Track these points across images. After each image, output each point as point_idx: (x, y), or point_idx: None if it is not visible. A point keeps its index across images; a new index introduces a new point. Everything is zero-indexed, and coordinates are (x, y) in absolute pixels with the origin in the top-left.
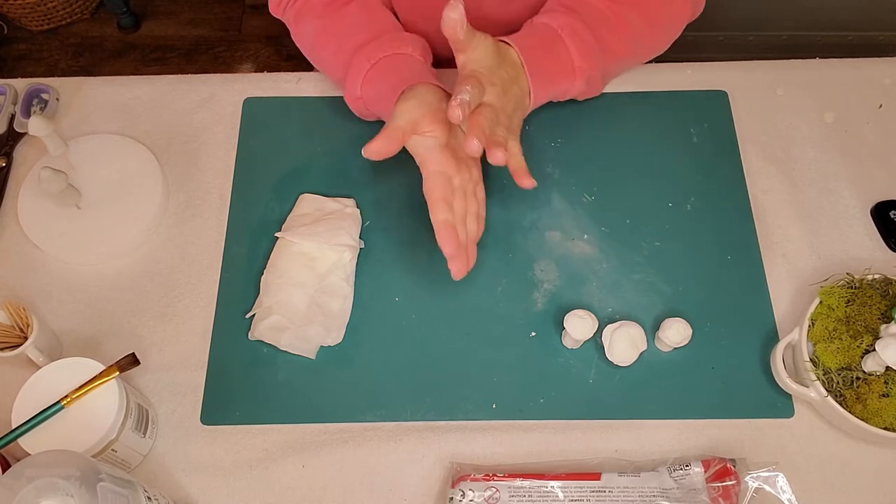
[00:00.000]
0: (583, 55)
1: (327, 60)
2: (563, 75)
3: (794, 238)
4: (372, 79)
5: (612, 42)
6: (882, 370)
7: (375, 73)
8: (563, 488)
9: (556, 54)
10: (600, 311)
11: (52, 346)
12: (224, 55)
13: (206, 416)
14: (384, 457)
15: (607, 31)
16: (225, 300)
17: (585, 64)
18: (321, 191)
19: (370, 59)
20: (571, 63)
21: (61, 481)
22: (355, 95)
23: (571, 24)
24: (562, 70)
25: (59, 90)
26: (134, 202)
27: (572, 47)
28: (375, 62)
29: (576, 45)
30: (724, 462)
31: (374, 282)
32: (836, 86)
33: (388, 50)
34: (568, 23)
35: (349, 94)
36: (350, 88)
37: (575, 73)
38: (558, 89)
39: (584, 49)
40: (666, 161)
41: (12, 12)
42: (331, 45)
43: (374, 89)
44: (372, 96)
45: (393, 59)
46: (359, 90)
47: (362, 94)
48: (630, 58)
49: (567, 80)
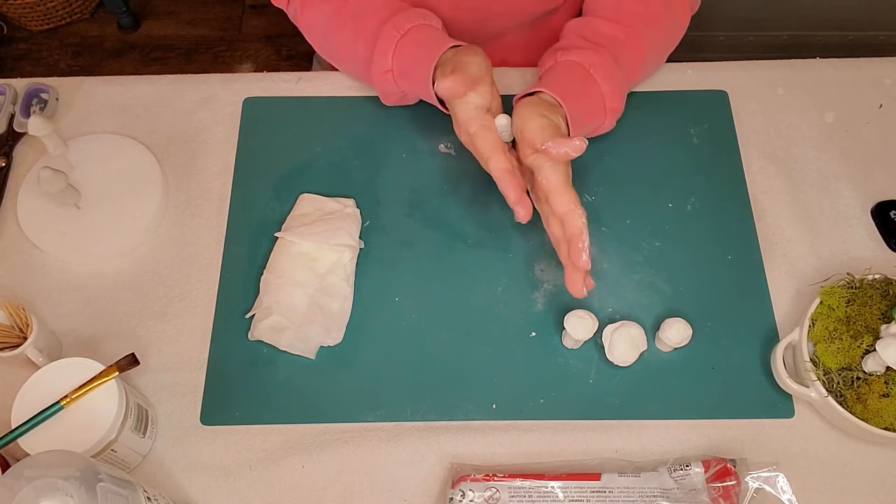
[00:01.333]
0: (614, 95)
1: (345, 43)
2: (594, 116)
3: (794, 238)
4: (403, 47)
5: (633, 69)
6: (882, 370)
7: (407, 41)
8: (563, 488)
9: (589, 96)
10: (600, 311)
11: (51, 346)
12: (224, 55)
13: (206, 416)
14: (384, 457)
15: (628, 59)
16: (225, 300)
17: (616, 104)
18: (321, 191)
19: (400, 29)
20: (603, 104)
21: (61, 481)
22: (385, 68)
23: (604, 64)
24: (594, 111)
25: (59, 90)
26: (134, 202)
27: (605, 89)
28: (406, 31)
29: (609, 86)
30: (724, 462)
31: (374, 282)
32: (836, 86)
33: (417, 20)
34: (600, 62)
35: (377, 69)
36: (379, 61)
37: (606, 112)
38: (588, 129)
39: (615, 89)
40: (666, 161)
41: (12, 12)
42: (347, 27)
43: (406, 58)
44: (404, 65)
45: (422, 28)
46: (390, 62)
47: (393, 66)
48: (645, 74)
49: (598, 119)
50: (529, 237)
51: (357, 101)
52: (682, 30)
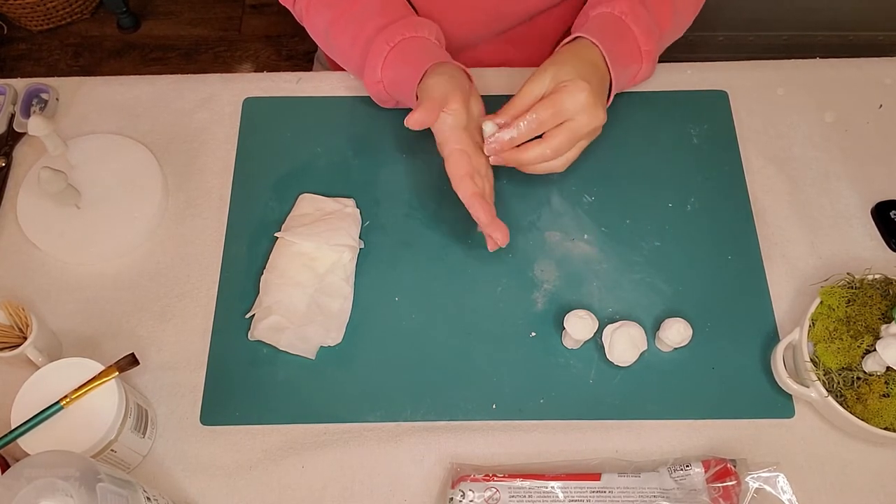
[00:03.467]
0: (647, 37)
1: (344, 49)
2: (632, 60)
3: (794, 238)
4: (392, 61)
5: (662, 17)
6: (882, 370)
7: (395, 55)
8: (563, 489)
9: (626, 42)
10: (600, 311)
11: (51, 346)
12: (224, 55)
13: (206, 416)
14: (384, 457)
15: (656, 6)
16: (225, 300)
17: (650, 46)
18: (321, 191)
19: (389, 42)
20: (639, 48)
21: (61, 481)
22: (375, 79)
23: (633, 9)
24: (631, 56)
25: (59, 90)
26: (134, 202)
27: (638, 32)
28: (394, 45)
29: (640, 28)
30: (724, 462)
31: (374, 282)
32: (836, 86)
33: (406, 33)
34: (630, 8)
35: (369, 79)
36: (370, 73)
37: (642, 56)
38: (629, 74)
39: (647, 31)
40: (666, 161)
41: (12, 12)
42: (347, 34)
43: (394, 71)
44: (392, 78)
45: (411, 41)
46: (379, 73)
47: (382, 78)
48: (672, 30)
49: (636, 63)
50: (529, 237)
51: (357, 101)
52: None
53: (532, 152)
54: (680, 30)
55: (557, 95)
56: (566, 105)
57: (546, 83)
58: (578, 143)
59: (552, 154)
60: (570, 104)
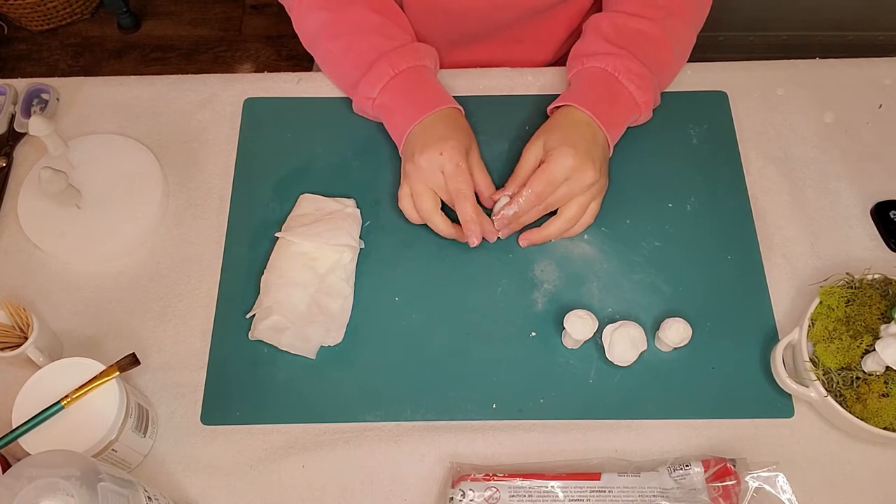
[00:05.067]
0: (643, 91)
1: (335, 56)
2: (628, 113)
3: (794, 238)
4: (392, 88)
5: (661, 63)
6: (882, 370)
7: (397, 83)
8: (563, 488)
9: (619, 100)
10: (600, 311)
11: (52, 346)
12: (224, 55)
13: (206, 416)
14: (384, 457)
15: (655, 54)
16: (225, 300)
17: (646, 97)
18: (321, 191)
19: (394, 68)
20: (635, 101)
21: (61, 481)
22: (369, 96)
23: (626, 66)
24: (627, 109)
25: (59, 90)
26: (134, 202)
27: (632, 88)
28: (399, 72)
29: (635, 84)
30: (724, 462)
31: (374, 282)
32: (836, 86)
33: (411, 61)
34: (623, 65)
35: (362, 94)
36: (365, 89)
37: (639, 107)
38: (626, 124)
39: (642, 86)
40: (666, 161)
41: (12, 12)
42: (340, 41)
43: (392, 100)
44: (388, 105)
45: (412, 72)
46: (376, 93)
47: (377, 97)
48: (677, 62)
49: (633, 114)
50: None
51: None
52: (705, 12)
53: (553, 228)
54: (688, 51)
55: (546, 166)
56: (555, 173)
57: (539, 150)
58: (586, 206)
59: (569, 224)
60: (557, 172)
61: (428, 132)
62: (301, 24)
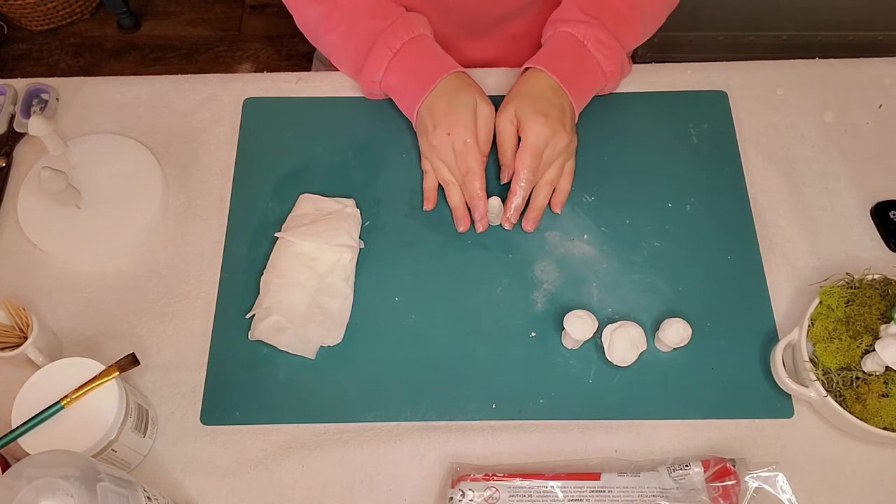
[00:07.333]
0: (609, 60)
1: (337, 46)
2: (595, 81)
3: (794, 238)
4: (395, 68)
5: (628, 35)
6: (882, 370)
7: (398, 62)
8: (563, 488)
9: (586, 66)
10: (600, 311)
11: (52, 346)
12: (224, 55)
13: (206, 416)
14: (384, 457)
15: (623, 28)
16: (225, 300)
17: (612, 67)
18: (321, 191)
19: (391, 48)
20: (602, 70)
21: (61, 481)
22: (374, 79)
23: (595, 35)
24: (594, 77)
25: (59, 90)
26: (134, 202)
27: (599, 56)
28: (396, 51)
29: (602, 53)
30: (723, 462)
31: (374, 282)
32: (836, 86)
33: (404, 35)
34: (592, 34)
35: (366, 78)
36: (369, 73)
37: (606, 76)
38: (592, 92)
39: (609, 55)
40: (666, 161)
41: (12, 12)
42: (338, 31)
43: (397, 80)
44: (394, 85)
45: (410, 46)
46: (380, 76)
47: (382, 80)
48: (641, 38)
49: (600, 83)
50: (529, 237)
51: (357, 101)
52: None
53: (540, 197)
54: (649, 33)
55: (524, 142)
56: (536, 144)
57: (511, 115)
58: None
59: (551, 186)
60: (537, 142)
61: (434, 110)
62: (302, 21)
